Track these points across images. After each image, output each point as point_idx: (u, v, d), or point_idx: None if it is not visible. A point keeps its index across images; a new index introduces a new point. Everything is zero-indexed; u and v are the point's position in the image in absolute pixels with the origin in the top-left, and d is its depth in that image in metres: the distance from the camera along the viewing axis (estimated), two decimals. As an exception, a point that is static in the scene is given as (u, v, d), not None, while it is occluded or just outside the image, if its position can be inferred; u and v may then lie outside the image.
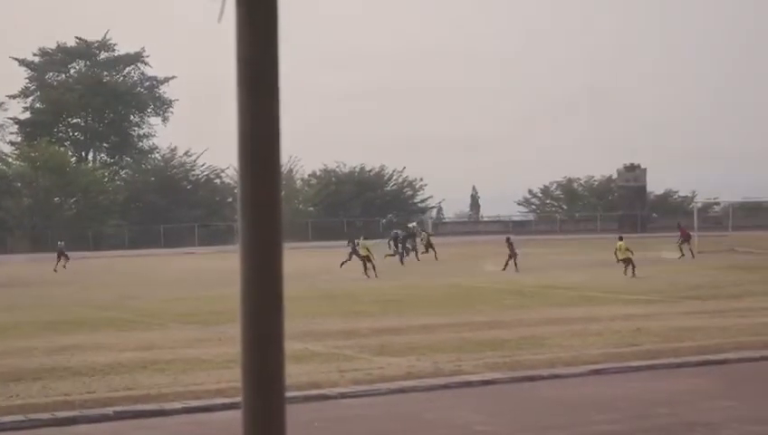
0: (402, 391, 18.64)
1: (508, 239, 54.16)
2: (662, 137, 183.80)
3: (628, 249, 47.25)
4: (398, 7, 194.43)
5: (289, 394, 3.60)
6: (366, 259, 51.15)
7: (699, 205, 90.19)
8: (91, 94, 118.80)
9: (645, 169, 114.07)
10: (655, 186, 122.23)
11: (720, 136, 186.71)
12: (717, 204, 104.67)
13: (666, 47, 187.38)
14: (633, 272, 45.76)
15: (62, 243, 72.58)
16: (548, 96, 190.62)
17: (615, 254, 48.46)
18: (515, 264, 51.96)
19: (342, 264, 55.79)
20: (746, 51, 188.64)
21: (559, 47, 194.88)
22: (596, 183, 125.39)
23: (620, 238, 49.48)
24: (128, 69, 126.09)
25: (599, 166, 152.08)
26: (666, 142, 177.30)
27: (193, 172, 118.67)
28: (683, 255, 59.12)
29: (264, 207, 3.24)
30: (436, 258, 63.72)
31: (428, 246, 66.16)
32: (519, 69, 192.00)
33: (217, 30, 3.37)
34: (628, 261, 46.70)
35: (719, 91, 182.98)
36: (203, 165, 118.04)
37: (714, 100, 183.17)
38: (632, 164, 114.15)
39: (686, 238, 61.51)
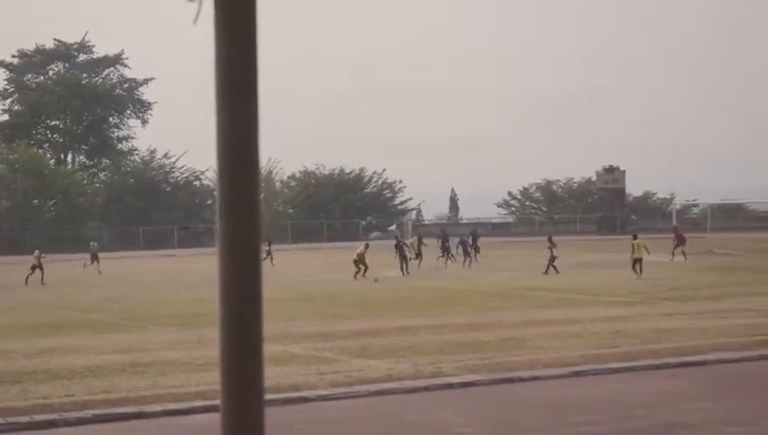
0: (382, 393, 18.63)
1: (550, 238, 52.31)
2: (658, 137, 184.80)
3: (645, 247, 47.08)
4: (388, 7, 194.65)
5: (268, 397, 3.59)
6: (359, 262, 50.85)
7: (678, 206, 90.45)
8: (70, 96, 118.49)
9: (624, 171, 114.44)
10: (652, 187, 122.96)
11: (720, 136, 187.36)
12: (696, 205, 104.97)
13: (665, 47, 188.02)
14: (640, 271, 45.80)
15: (96, 244, 69.70)
16: (539, 97, 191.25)
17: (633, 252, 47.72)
18: (554, 267, 50.65)
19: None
20: (746, 50, 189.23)
21: (554, 47, 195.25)
22: (575, 185, 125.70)
23: (635, 237, 48.63)
24: (107, 71, 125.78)
25: (595, 166, 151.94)
26: (662, 143, 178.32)
27: (172, 174, 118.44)
28: (673, 257, 58.99)
29: (243, 209, 3.23)
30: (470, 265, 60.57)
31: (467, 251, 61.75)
32: (510, 69, 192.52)
33: (199, 31, 3.36)
34: (639, 260, 46.41)
35: (718, 91, 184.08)
36: (182, 167, 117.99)
37: (713, 100, 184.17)
38: (611, 166, 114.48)
39: (681, 241, 61.29)
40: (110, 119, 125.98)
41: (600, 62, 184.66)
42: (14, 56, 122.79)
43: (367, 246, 53.05)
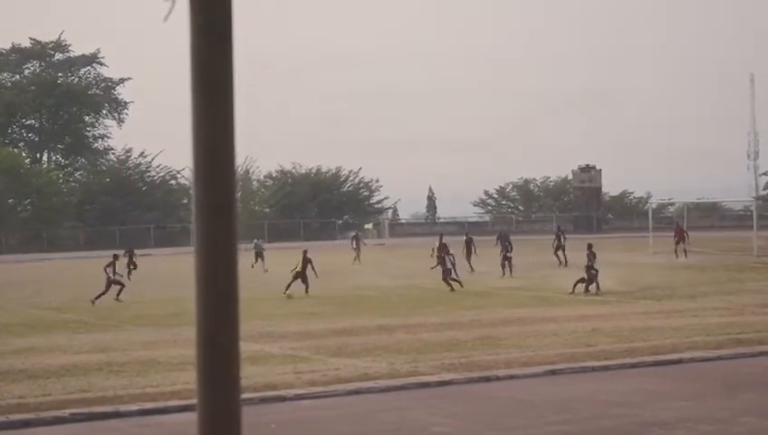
0: (358, 392, 18.66)
1: (590, 247, 40.64)
2: (638, 137, 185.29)
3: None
4: (380, 8, 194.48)
5: (245, 396, 3.59)
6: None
7: (654, 205, 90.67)
8: (45, 95, 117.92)
9: (600, 170, 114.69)
10: (629, 186, 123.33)
11: (698, 136, 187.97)
12: (672, 204, 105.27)
13: (663, 47, 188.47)
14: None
15: (260, 241, 62.71)
16: (522, 98, 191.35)
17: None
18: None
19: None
20: (745, 50, 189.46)
21: (539, 50, 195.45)
22: (551, 184, 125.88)
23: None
24: (83, 70, 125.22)
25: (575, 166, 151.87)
26: (642, 143, 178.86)
27: (148, 174, 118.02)
28: (677, 256, 57.80)
29: (219, 208, 3.23)
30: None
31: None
32: (492, 71, 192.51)
33: (176, 29, 3.36)
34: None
35: (700, 93, 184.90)
36: (158, 166, 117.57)
37: (694, 101, 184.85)
38: (587, 165, 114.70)
39: (681, 238, 59.64)
40: (86, 118, 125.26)
41: (586, 65, 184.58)
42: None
43: (305, 252, 40.85)
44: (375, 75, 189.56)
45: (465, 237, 55.20)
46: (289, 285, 39.13)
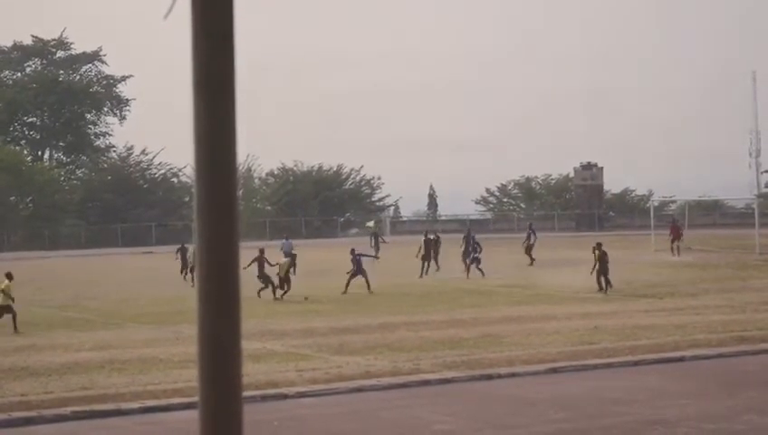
0: (360, 390, 18.66)
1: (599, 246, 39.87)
2: (642, 136, 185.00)
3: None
4: (380, 8, 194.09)
5: (246, 393, 3.59)
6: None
7: (656, 203, 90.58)
8: (47, 93, 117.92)
9: (602, 167, 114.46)
10: (631, 184, 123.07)
11: (701, 135, 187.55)
12: (674, 202, 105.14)
13: (662, 47, 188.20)
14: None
15: (289, 239, 56.74)
16: (525, 97, 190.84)
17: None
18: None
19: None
20: (746, 50, 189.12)
21: (540, 48, 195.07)
22: (553, 182, 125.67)
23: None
24: (84, 68, 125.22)
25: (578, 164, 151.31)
26: (644, 141, 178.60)
27: (150, 171, 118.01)
28: (673, 253, 58.21)
29: (220, 206, 3.23)
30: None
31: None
32: (493, 69, 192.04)
33: (178, 27, 3.36)
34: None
35: (717, 90, 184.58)
36: (159, 164, 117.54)
37: (713, 98, 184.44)
38: (589, 163, 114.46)
39: (677, 236, 59.67)
40: (88, 115, 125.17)
41: (586, 65, 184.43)
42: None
43: (262, 251, 39.08)
44: (375, 75, 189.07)
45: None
46: (275, 289, 38.24)
